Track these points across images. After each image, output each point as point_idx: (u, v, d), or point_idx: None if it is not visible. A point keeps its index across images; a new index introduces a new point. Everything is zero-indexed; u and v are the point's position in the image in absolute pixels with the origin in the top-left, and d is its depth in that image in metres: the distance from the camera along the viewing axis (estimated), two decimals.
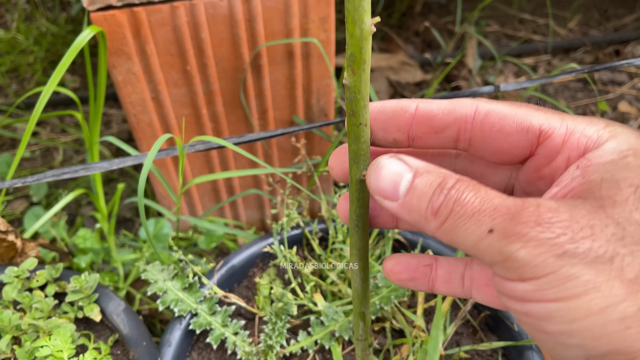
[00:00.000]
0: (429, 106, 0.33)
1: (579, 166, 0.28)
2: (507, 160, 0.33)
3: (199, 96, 0.82)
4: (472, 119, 0.32)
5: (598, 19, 1.72)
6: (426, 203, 0.29)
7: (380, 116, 0.34)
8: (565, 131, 0.30)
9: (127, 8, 0.70)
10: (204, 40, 0.75)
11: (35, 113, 0.67)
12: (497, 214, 0.26)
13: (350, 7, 0.28)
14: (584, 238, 0.24)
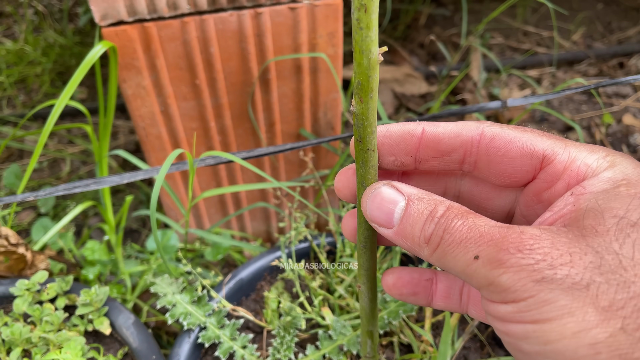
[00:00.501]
0: (436, 129, 0.34)
1: (573, 193, 0.29)
2: (510, 183, 0.34)
3: (208, 109, 0.83)
4: (477, 142, 0.33)
5: (602, 31, 1.73)
6: (419, 231, 0.30)
7: (387, 141, 0.35)
8: (567, 158, 0.31)
9: (138, 23, 0.71)
10: (213, 54, 0.76)
11: (47, 128, 0.68)
12: (482, 241, 0.27)
13: (358, 38, 0.29)
14: (563, 265, 0.25)
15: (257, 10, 0.73)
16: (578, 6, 1.82)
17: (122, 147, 1.24)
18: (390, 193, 0.32)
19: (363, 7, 0.28)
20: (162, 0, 0.69)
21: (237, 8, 0.73)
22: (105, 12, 0.68)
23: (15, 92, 1.37)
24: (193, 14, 0.72)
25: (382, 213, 0.32)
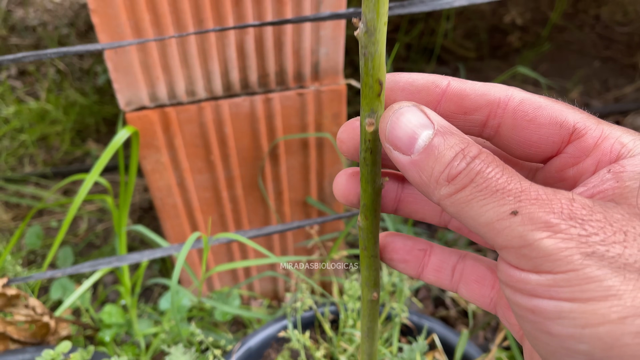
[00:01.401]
0: (462, 85, 0.31)
1: (610, 170, 0.27)
2: (532, 154, 0.31)
3: (221, 181, 0.89)
4: (505, 104, 0.30)
5: (599, 89, 1.79)
6: (443, 166, 0.26)
7: (409, 87, 0.31)
8: (600, 134, 0.28)
9: (158, 108, 0.77)
10: (227, 134, 0.82)
11: (74, 205, 0.74)
12: (524, 197, 0.25)
13: (364, 171, 0.34)
14: (616, 242, 0.23)
15: (267, 96, 0.79)
16: (575, 63, 1.89)
17: (137, 205, 1.29)
18: (418, 116, 0.28)
19: (369, 150, 0.33)
20: (181, 88, 0.76)
21: (249, 94, 0.79)
22: (129, 99, 0.75)
23: (36, 151, 1.44)
24: (209, 100, 0.78)
25: (405, 135, 0.27)
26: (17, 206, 1.30)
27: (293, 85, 0.80)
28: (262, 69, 0.77)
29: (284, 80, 0.79)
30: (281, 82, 0.79)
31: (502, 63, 1.87)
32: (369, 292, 0.40)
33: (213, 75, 0.75)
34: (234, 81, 0.77)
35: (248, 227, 0.98)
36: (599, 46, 1.96)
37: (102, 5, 0.65)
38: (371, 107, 0.30)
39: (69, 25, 1.94)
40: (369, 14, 0.27)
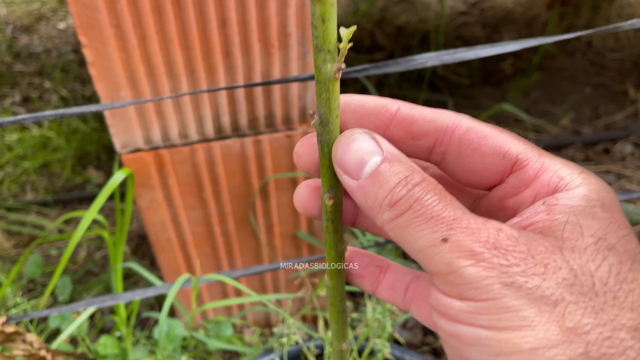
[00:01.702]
0: (411, 110, 0.32)
1: (545, 202, 0.28)
2: (476, 182, 0.32)
3: (213, 217, 0.92)
4: (452, 131, 0.31)
5: (589, 115, 1.83)
6: (386, 192, 0.27)
7: (359, 110, 0.32)
8: (541, 166, 0.29)
9: (153, 150, 0.81)
10: (218, 173, 0.86)
11: (74, 240, 0.77)
12: (456, 225, 0.26)
13: (327, 238, 0.37)
14: (536, 274, 0.24)
15: (257, 138, 0.83)
16: (567, 90, 1.93)
17: (135, 233, 1.33)
18: (369, 143, 0.29)
19: (330, 219, 0.36)
20: (174, 132, 0.80)
21: (240, 136, 0.83)
22: (125, 142, 0.79)
23: (38, 178, 1.48)
24: (201, 142, 0.82)
25: (354, 160, 0.29)
26: (18, 234, 1.33)
27: (282, 127, 0.84)
28: (251, 114, 0.81)
29: (273, 123, 0.83)
30: (270, 125, 0.83)
31: (494, 90, 1.91)
32: (338, 343, 0.44)
33: (205, 119, 0.79)
34: (225, 125, 0.81)
35: (240, 259, 1.01)
36: (591, 73, 2.00)
37: (99, 59, 0.69)
38: (329, 185, 0.32)
39: (72, 51, 1.99)
40: (322, 108, 0.30)
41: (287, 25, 0.72)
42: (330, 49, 0.28)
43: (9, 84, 1.85)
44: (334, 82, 0.29)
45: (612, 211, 0.27)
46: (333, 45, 0.28)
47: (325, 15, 0.27)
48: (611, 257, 0.25)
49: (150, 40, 0.69)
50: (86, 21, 0.65)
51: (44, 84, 1.84)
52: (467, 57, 0.59)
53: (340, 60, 0.29)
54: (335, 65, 0.28)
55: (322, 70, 0.28)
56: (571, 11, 2.27)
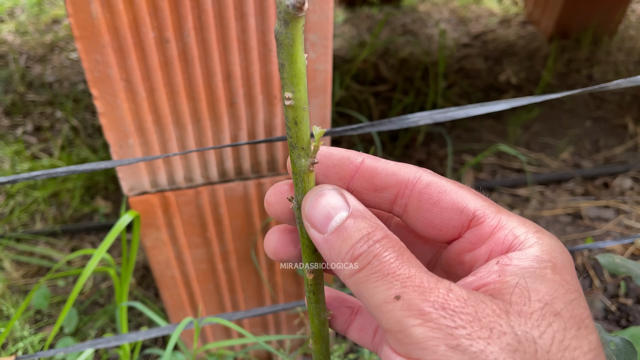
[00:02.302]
0: (375, 163, 0.33)
1: (499, 262, 0.28)
2: (435, 235, 0.33)
3: (216, 255, 0.95)
4: (412, 185, 0.32)
5: (589, 149, 1.85)
6: (349, 247, 0.28)
7: (325, 161, 0.33)
8: (497, 223, 0.30)
9: (159, 193, 0.84)
10: (222, 214, 0.89)
11: (81, 279, 0.80)
12: (409, 283, 0.26)
13: (310, 307, 0.39)
14: (481, 338, 0.24)
15: (260, 181, 0.86)
16: (567, 123, 1.96)
17: (141, 264, 1.36)
18: (337, 199, 0.30)
19: (312, 291, 0.39)
20: (180, 176, 0.83)
21: (243, 179, 0.86)
22: (132, 186, 0.82)
23: (47, 208, 1.52)
24: (206, 185, 0.85)
25: (321, 215, 0.30)
26: (27, 264, 1.37)
27: (283, 171, 0.87)
28: (254, 159, 0.84)
29: (275, 167, 0.86)
30: (272, 169, 0.86)
31: (495, 123, 1.94)
32: None
33: (209, 164, 0.83)
34: (228, 169, 0.84)
35: (242, 295, 1.04)
36: (591, 106, 2.03)
37: (109, 109, 0.72)
38: (309, 260, 0.35)
39: (84, 81, 2.04)
40: (299, 195, 0.33)
41: None
42: (304, 147, 0.31)
43: (22, 114, 1.89)
44: (309, 174, 0.32)
45: (563, 273, 0.27)
46: (306, 143, 0.31)
47: (298, 119, 0.30)
48: (556, 324, 0.25)
49: (158, 92, 0.72)
50: (98, 76, 0.69)
51: (56, 113, 1.89)
52: (457, 115, 0.62)
53: (313, 156, 0.31)
54: (308, 160, 0.31)
55: (297, 164, 0.31)
56: (572, 44, 2.31)
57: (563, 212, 1.57)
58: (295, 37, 0.27)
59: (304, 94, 0.29)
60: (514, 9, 2.59)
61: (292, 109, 0.29)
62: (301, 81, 0.29)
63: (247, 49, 0.71)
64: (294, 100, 0.29)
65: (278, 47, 0.27)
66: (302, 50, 0.28)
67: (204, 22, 0.68)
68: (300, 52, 0.27)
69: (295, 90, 0.29)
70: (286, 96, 0.29)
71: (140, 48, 0.68)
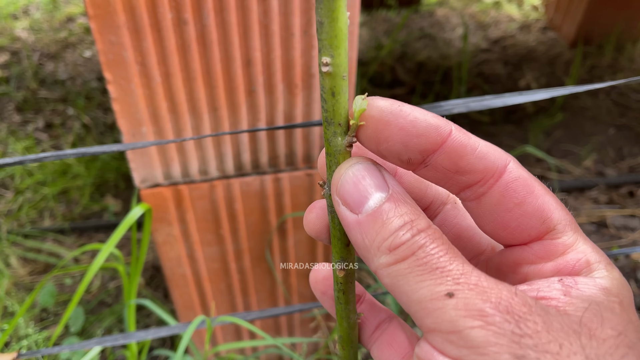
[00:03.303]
0: (465, 139, 0.27)
1: (562, 281, 0.26)
2: (499, 236, 0.29)
3: (229, 254, 0.91)
4: (499, 175, 0.27)
5: (613, 157, 1.80)
6: (388, 233, 0.25)
7: (409, 127, 0.27)
8: (572, 243, 0.27)
9: (172, 185, 0.80)
10: (237, 210, 0.85)
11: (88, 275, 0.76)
12: (464, 280, 0.23)
13: (339, 308, 0.35)
14: (549, 352, 0.22)
15: (277, 176, 0.82)
16: (590, 130, 1.90)
17: (150, 264, 1.32)
18: (375, 176, 0.26)
19: (341, 291, 0.35)
20: (194, 168, 0.79)
21: (259, 173, 0.82)
22: (144, 177, 0.78)
23: (56, 205, 1.49)
24: (221, 178, 0.81)
25: (356, 191, 0.26)
26: (33, 261, 1.33)
27: (302, 166, 0.83)
28: (272, 151, 0.80)
29: (294, 162, 0.82)
30: (291, 163, 0.82)
31: (516, 128, 1.89)
32: None
33: (225, 157, 0.79)
34: (245, 162, 0.80)
35: (255, 297, 0.99)
36: (614, 113, 1.97)
37: (123, 95, 0.69)
38: (340, 256, 0.31)
39: (96, 79, 2.02)
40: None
41: (312, 66, 0.71)
42: (340, 122, 0.27)
43: (33, 110, 1.87)
44: (345, 154, 0.28)
45: (629, 312, 0.25)
46: (344, 118, 0.27)
47: (336, 89, 0.26)
48: (631, 356, 0.23)
49: (174, 78, 0.69)
50: (112, 58, 0.65)
51: (67, 110, 1.86)
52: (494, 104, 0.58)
53: (351, 134, 0.27)
54: (346, 139, 0.27)
55: (332, 143, 0.27)
56: (594, 51, 2.26)
57: (587, 221, 1.51)
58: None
59: (345, 59, 0.25)
60: (534, 14, 2.54)
61: (329, 77, 0.25)
62: (342, 43, 0.24)
63: (268, 34, 0.68)
64: (332, 67, 0.25)
65: (317, 1, 0.23)
66: (345, 6, 0.23)
67: (224, 2, 0.64)
68: (342, 9, 0.23)
69: (335, 55, 0.25)
70: (323, 61, 0.25)
71: (157, 29, 0.64)
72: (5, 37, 2.28)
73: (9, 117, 1.84)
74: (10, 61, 2.12)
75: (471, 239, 0.33)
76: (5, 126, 1.79)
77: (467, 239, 0.33)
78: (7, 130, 1.77)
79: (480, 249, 0.32)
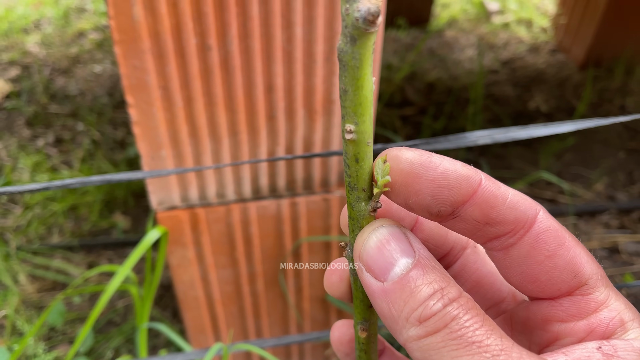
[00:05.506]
0: (495, 189, 0.25)
1: (601, 349, 0.24)
2: (528, 291, 0.27)
3: (243, 277, 0.90)
4: (529, 226, 0.26)
5: (623, 181, 1.79)
6: (417, 303, 0.23)
7: (440, 180, 0.25)
8: (605, 299, 0.25)
9: (189, 208, 0.80)
10: (252, 233, 0.84)
11: (100, 305, 0.76)
12: (504, 359, 0.22)
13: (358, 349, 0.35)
14: None
15: (294, 200, 0.82)
16: (600, 154, 1.90)
17: (160, 282, 1.31)
18: (401, 241, 0.24)
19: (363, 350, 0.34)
20: (212, 191, 0.79)
21: (276, 197, 0.82)
22: (161, 200, 0.78)
23: (65, 221, 1.48)
24: (238, 202, 0.81)
25: (381, 257, 0.24)
26: (42, 278, 1.32)
27: (319, 190, 0.82)
28: (290, 176, 0.79)
29: (311, 186, 0.81)
30: (308, 187, 0.82)
31: (525, 151, 1.88)
32: None
33: (243, 180, 0.78)
34: (262, 186, 0.80)
35: (267, 320, 0.98)
36: (624, 137, 1.97)
37: (144, 118, 0.69)
38: (363, 317, 0.30)
39: (107, 94, 2.03)
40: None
41: (333, 93, 0.71)
42: (364, 188, 0.26)
43: (44, 125, 1.88)
44: (368, 218, 0.27)
45: None
46: (368, 184, 0.26)
47: (360, 155, 0.25)
48: None
49: (195, 102, 0.69)
50: (135, 82, 0.65)
51: (77, 126, 1.87)
52: (519, 136, 0.57)
53: (376, 199, 0.26)
54: (370, 204, 0.27)
55: (355, 207, 0.27)
56: (604, 73, 2.26)
57: (599, 246, 1.50)
58: (363, 58, 0.22)
59: (369, 125, 0.24)
60: (544, 36, 2.55)
61: (353, 144, 0.24)
62: (367, 111, 0.24)
63: (291, 60, 0.68)
64: (356, 134, 0.24)
65: (341, 69, 0.22)
66: (370, 73, 0.23)
67: (248, 29, 0.64)
68: (368, 76, 0.22)
69: (359, 122, 0.24)
70: (347, 129, 0.24)
71: (181, 55, 0.64)
72: (16, 51, 2.30)
73: (19, 131, 1.85)
74: (21, 75, 2.13)
75: (492, 285, 0.32)
76: (15, 141, 1.80)
77: (488, 286, 0.32)
78: (17, 144, 1.77)
79: (501, 296, 0.31)
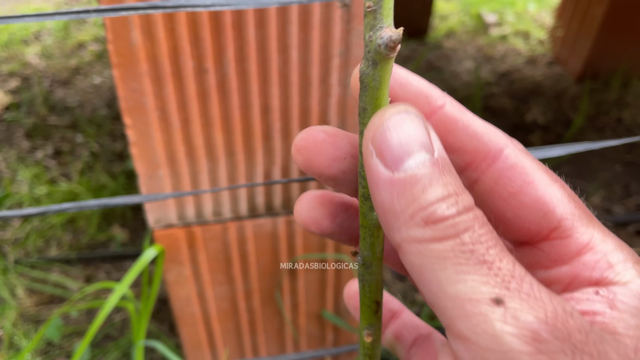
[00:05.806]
0: (458, 114, 0.24)
1: (599, 293, 0.22)
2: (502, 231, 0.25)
3: (239, 293, 0.91)
4: (493, 159, 0.24)
5: (620, 194, 1.80)
6: (427, 202, 0.20)
7: (398, 90, 0.24)
8: (587, 242, 0.23)
9: (185, 227, 0.80)
10: (248, 251, 0.85)
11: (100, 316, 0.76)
12: (515, 286, 0.19)
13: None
14: None
15: (290, 217, 0.82)
16: (597, 166, 1.91)
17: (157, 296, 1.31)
18: (420, 132, 0.21)
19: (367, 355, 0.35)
20: (208, 210, 0.79)
21: (272, 215, 0.82)
22: (158, 218, 0.79)
23: (63, 234, 1.49)
24: (234, 220, 0.81)
25: (398, 145, 0.21)
26: (39, 292, 1.33)
27: None
28: (286, 194, 0.80)
29: None
30: None
31: None
32: None
33: (239, 199, 0.79)
34: (259, 204, 0.80)
35: (263, 336, 0.99)
36: (621, 150, 1.98)
37: (141, 139, 0.69)
38: (369, 322, 0.31)
39: (106, 106, 2.04)
40: (365, 251, 0.29)
41: (328, 114, 0.72)
42: None
43: (43, 137, 1.89)
44: (379, 229, 0.27)
45: None
46: None
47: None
48: None
49: (192, 124, 0.69)
50: (132, 104, 0.66)
51: (76, 138, 1.87)
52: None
53: None
54: None
55: (367, 217, 0.27)
56: (600, 86, 2.27)
57: None
58: (382, 80, 0.23)
59: None
60: (541, 48, 2.57)
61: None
62: None
63: (287, 83, 0.68)
64: None
65: (362, 89, 0.24)
66: (388, 94, 0.24)
67: (245, 53, 0.65)
68: (385, 96, 0.24)
69: None
70: None
71: (178, 77, 0.65)
72: (16, 62, 2.31)
73: (19, 143, 1.86)
74: (21, 87, 2.14)
75: None
76: (14, 152, 1.80)
77: None
78: (17, 156, 1.78)
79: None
